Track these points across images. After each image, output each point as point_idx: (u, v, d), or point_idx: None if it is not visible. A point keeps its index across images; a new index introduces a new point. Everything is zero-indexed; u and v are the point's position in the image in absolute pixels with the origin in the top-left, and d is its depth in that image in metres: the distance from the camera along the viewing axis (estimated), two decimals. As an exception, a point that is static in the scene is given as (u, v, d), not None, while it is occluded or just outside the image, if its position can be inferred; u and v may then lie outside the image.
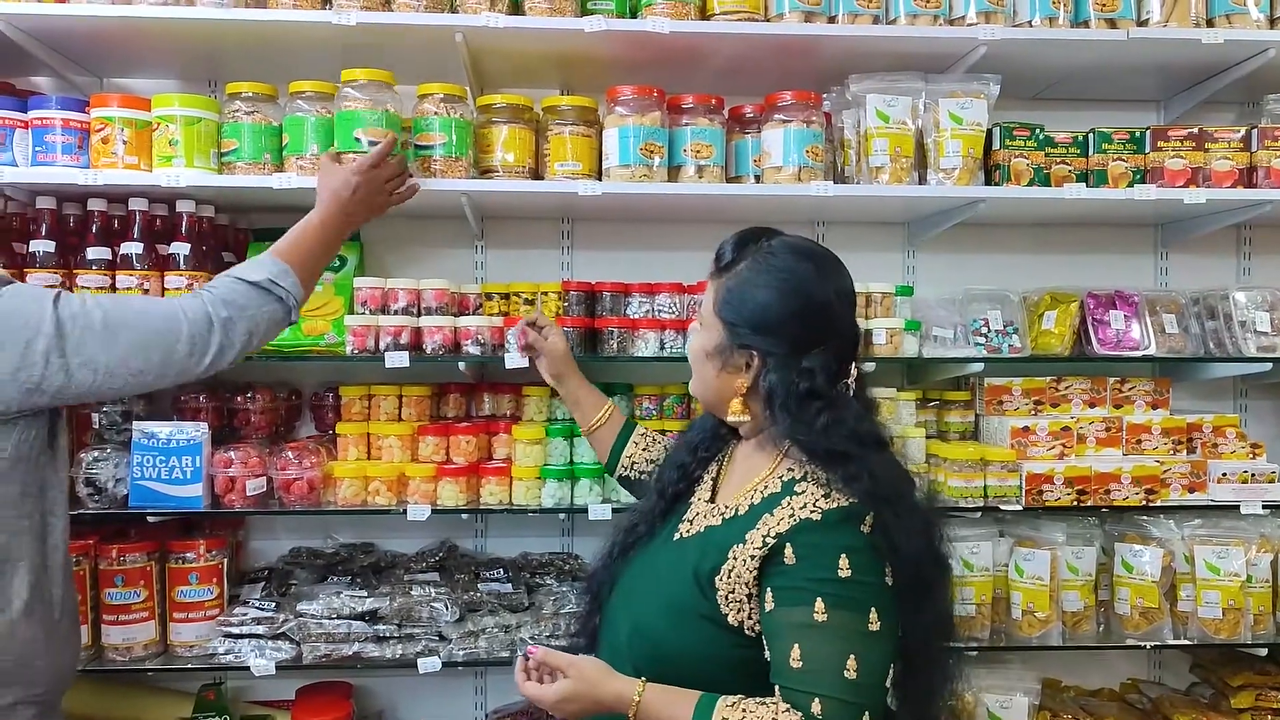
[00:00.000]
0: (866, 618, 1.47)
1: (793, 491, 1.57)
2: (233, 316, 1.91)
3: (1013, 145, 2.75)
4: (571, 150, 2.60)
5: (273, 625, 2.56)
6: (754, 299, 1.61)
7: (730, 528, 1.61)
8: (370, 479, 2.60)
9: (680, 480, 1.80)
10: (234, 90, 2.58)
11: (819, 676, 1.45)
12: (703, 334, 1.69)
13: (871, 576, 1.50)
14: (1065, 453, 2.80)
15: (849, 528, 1.51)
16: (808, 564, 1.50)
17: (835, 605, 1.47)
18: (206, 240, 2.67)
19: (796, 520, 1.52)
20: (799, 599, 1.49)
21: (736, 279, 1.64)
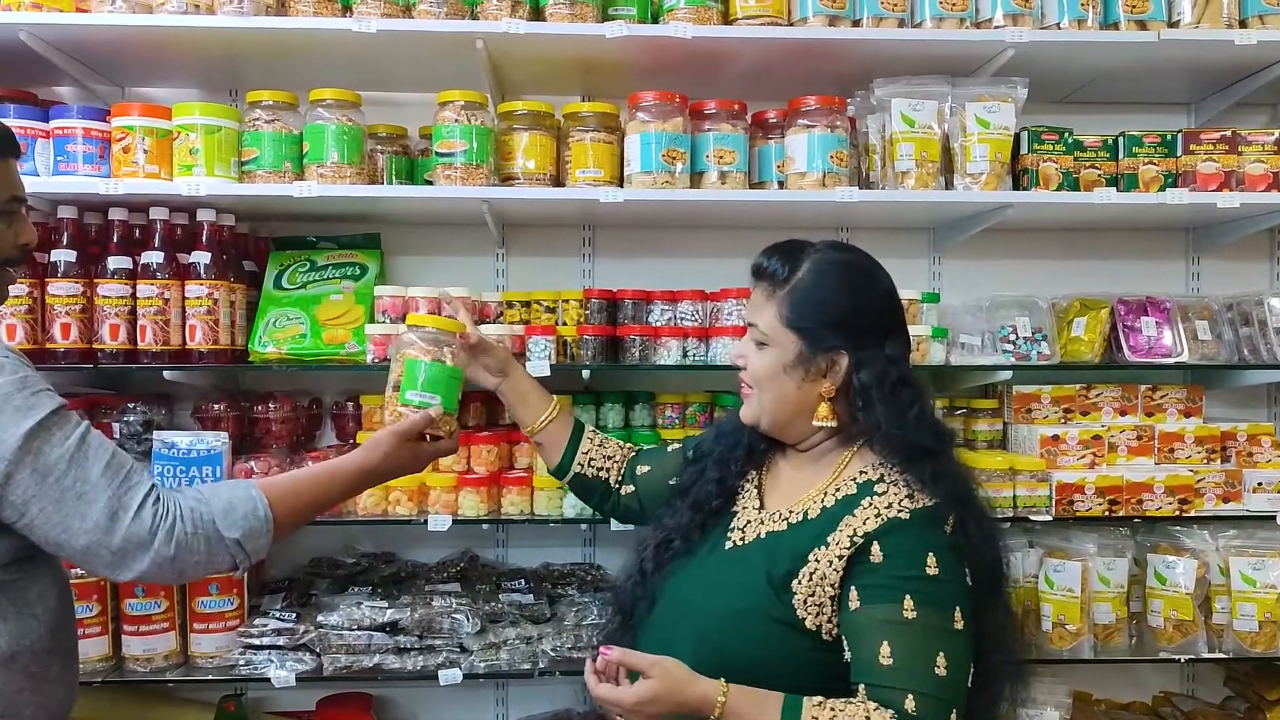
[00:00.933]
0: (952, 616, 1.49)
1: (872, 492, 1.58)
2: (176, 556, 1.57)
3: (1041, 149, 2.71)
4: (593, 157, 2.58)
5: (293, 636, 2.54)
6: (828, 300, 1.62)
7: (801, 532, 1.61)
8: (391, 489, 2.58)
9: (718, 495, 1.78)
10: (254, 99, 2.57)
11: (911, 674, 1.46)
12: (771, 353, 1.65)
13: (956, 575, 1.53)
14: (1096, 462, 2.75)
15: (935, 527, 1.54)
16: (896, 561, 1.52)
17: (924, 603, 1.48)
18: (227, 249, 2.66)
19: (884, 520, 1.54)
20: (887, 596, 1.50)
21: (801, 288, 1.64)
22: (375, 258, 2.81)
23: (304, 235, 2.86)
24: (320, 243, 2.84)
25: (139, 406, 2.70)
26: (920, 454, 1.58)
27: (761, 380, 1.67)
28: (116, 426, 2.67)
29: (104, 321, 2.51)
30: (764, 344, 1.66)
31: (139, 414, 2.69)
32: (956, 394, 2.97)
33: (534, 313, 2.74)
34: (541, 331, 2.59)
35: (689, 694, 1.49)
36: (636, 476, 2.06)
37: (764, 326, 1.66)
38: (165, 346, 2.53)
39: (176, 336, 2.55)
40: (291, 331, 2.63)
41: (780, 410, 1.67)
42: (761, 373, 1.67)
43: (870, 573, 1.53)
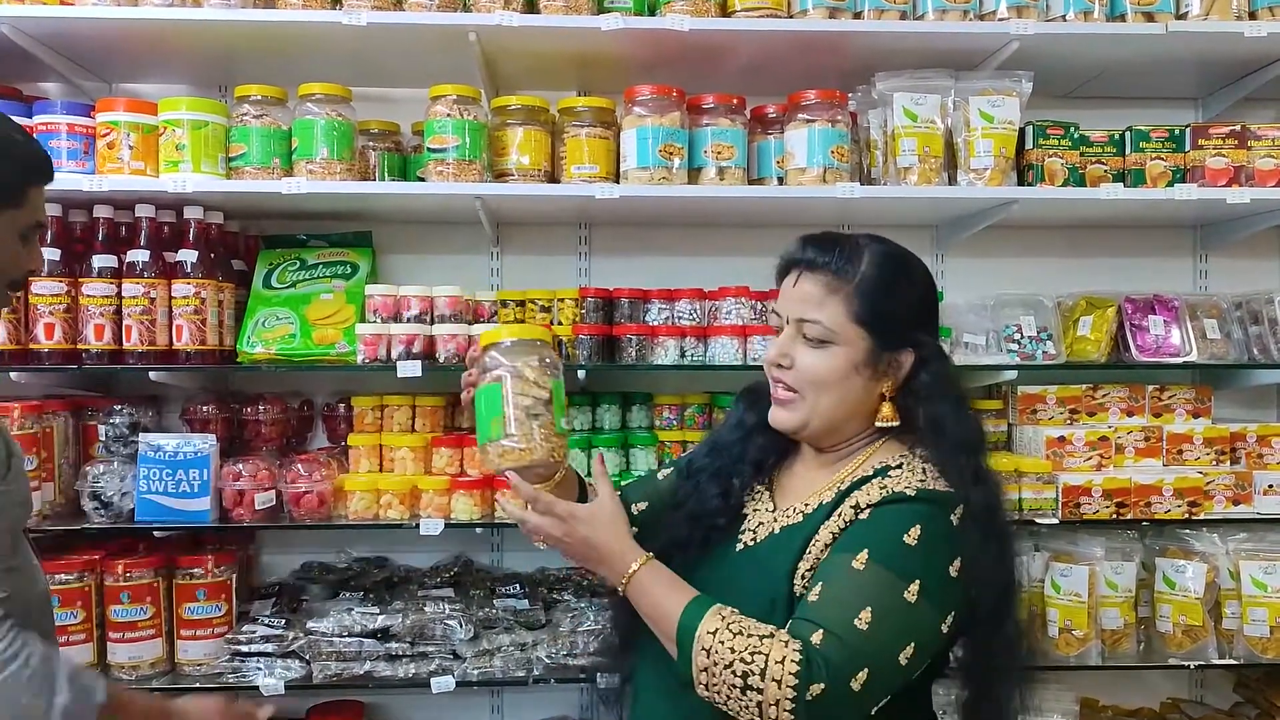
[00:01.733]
0: (906, 586, 1.38)
1: (886, 474, 1.50)
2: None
3: (1046, 144, 2.65)
4: (588, 153, 2.52)
5: (282, 643, 2.49)
6: (900, 295, 1.53)
7: (814, 517, 1.52)
8: (382, 492, 2.52)
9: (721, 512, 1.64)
10: (242, 93, 2.52)
11: (829, 613, 1.36)
12: (836, 352, 1.52)
13: (936, 558, 1.41)
14: (1103, 463, 2.69)
15: (937, 509, 1.44)
16: (875, 520, 1.45)
17: (879, 560, 1.39)
18: (215, 247, 2.61)
19: (887, 493, 1.46)
20: (846, 546, 1.43)
21: (869, 281, 1.52)
22: (367, 256, 2.76)
23: (294, 233, 2.80)
24: (310, 241, 2.79)
25: (125, 408, 2.64)
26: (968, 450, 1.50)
27: (821, 382, 1.53)
28: (102, 429, 2.61)
29: (89, 321, 2.45)
30: (826, 342, 1.52)
31: (125, 416, 2.63)
32: (960, 394, 2.91)
33: (529, 312, 2.68)
34: (536, 331, 2.53)
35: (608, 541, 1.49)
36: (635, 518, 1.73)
37: (829, 323, 1.52)
38: (151, 347, 2.47)
39: (163, 337, 2.49)
40: (281, 331, 2.57)
41: (838, 413, 1.55)
42: (822, 373, 1.53)
43: (850, 529, 1.46)
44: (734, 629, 1.36)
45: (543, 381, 1.53)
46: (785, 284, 1.60)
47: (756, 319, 2.65)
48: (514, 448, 1.50)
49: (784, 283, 1.60)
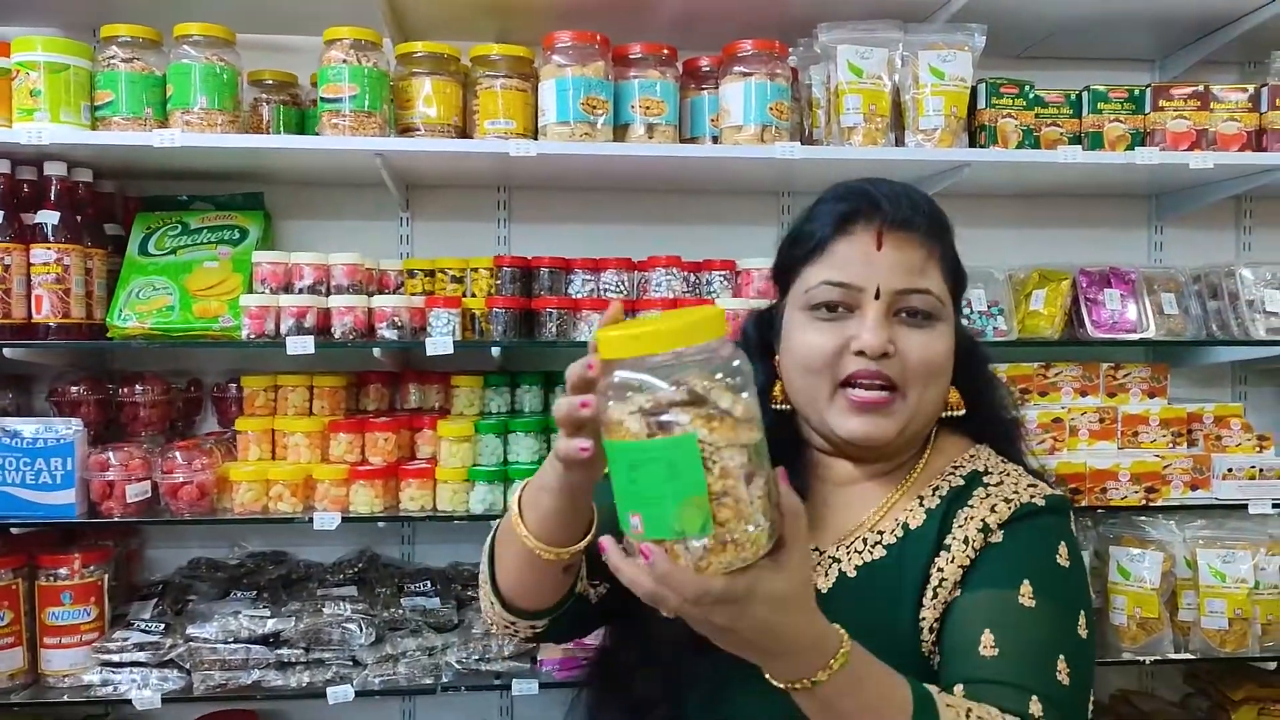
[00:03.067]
0: (1076, 619, 1.16)
1: (984, 482, 1.25)
2: None
3: (999, 104, 2.46)
4: (503, 106, 2.28)
5: (158, 651, 2.23)
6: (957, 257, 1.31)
7: (910, 548, 1.22)
8: (272, 482, 2.27)
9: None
10: (110, 34, 2.24)
11: (1029, 670, 1.10)
12: (944, 331, 1.24)
13: (1083, 578, 1.22)
14: (1056, 447, 2.52)
15: (1066, 519, 1.24)
16: (1020, 541, 1.19)
17: (1046, 592, 1.14)
18: (83, 208, 2.32)
19: (1017, 505, 1.20)
20: (1000, 579, 1.16)
21: (950, 243, 1.29)
22: (258, 220, 2.48)
23: (175, 194, 2.52)
24: (194, 203, 2.50)
25: (-20, 389, 2.36)
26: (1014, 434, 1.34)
27: (940, 369, 1.23)
28: (-46, 413, 2.33)
29: (-68, 291, 2.16)
30: (933, 318, 1.23)
31: (-19, 397, 2.35)
32: (906, 373, 2.73)
33: (439, 283, 2.44)
34: (444, 304, 2.29)
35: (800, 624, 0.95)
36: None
37: (939, 292, 1.23)
38: (6, 320, 2.19)
39: (20, 308, 2.21)
40: (157, 303, 2.30)
41: (937, 409, 1.27)
42: (942, 357, 1.23)
43: (984, 556, 1.18)
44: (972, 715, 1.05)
45: (752, 411, 0.90)
46: (851, 246, 1.24)
47: (689, 291, 2.44)
48: (736, 540, 0.88)
49: (842, 245, 1.25)
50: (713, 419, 0.86)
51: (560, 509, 1.16)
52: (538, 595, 1.27)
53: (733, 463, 0.86)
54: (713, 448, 0.86)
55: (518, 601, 1.28)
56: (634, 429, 0.86)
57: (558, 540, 1.18)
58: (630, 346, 0.87)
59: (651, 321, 0.90)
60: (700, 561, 0.88)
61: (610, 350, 0.89)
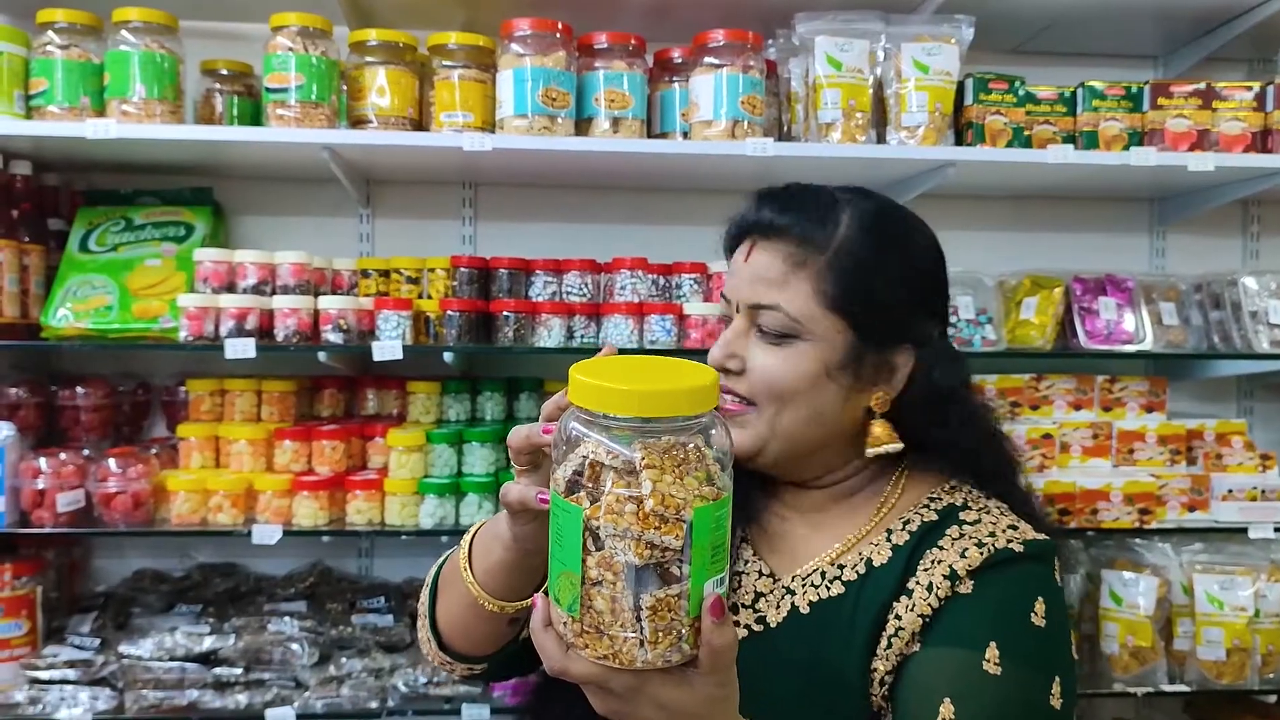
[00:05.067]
0: (1050, 687, 1.03)
1: (959, 520, 1.11)
2: None
3: (988, 100, 2.33)
4: (461, 98, 2.16)
5: (90, 669, 2.12)
6: (894, 268, 1.13)
7: (870, 587, 1.10)
8: (211, 492, 2.15)
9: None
10: (46, 19, 2.13)
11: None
12: (805, 350, 1.11)
13: (1062, 637, 1.08)
14: (1046, 464, 2.39)
15: (1048, 568, 1.10)
16: (991, 595, 1.06)
17: (1014, 657, 1.02)
18: (19, 202, 2.21)
19: (990, 551, 1.07)
20: (964, 637, 1.03)
21: (848, 252, 1.11)
22: (205, 216, 2.37)
23: (119, 190, 2.40)
24: (139, 197, 2.39)
25: (-91, 391, 2.25)
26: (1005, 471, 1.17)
27: (787, 391, 1.11)
28: (-118, 415, 2.22)
29: None
30: (789, 336, 1.12)
31: (-90, 400, 2.24)
32: (889, 384, 2.59)
33: (393, 283, 2.32)
34: (394, 305, 2.17)
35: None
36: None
37: (795, 311, 1.11)
38: (-66, 318, 2.09)
39: (-52, 307, 2.10)
40: (95, 303, 2.19)
41: (809, 433, 1.13)
42: (787, 379, 1.11)
43: (951, 608, 1.06)
44: None
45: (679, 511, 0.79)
46: (735, 258, 1.19)
47: (656, 295, 2.31)
48: (611, 636, 0.81)
49: (734, 257, 1.19)
50: (614, 504, 0.78)
51: (510, 563, 1.07)
52: (479, 642, 1.18)
53: (619, 557, 0.78)
54: (603, 533, 0.79)
55: (456, 644, 1.19)
56: (559, 478, 0.83)
57: (504, 593, 1.10)
58: (592, 398, 0.81)
59: (627, 376, 0.82)
60: (575, 638, 0.82)
61: (575, 395, 0.82)
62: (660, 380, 0.82)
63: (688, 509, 0.79)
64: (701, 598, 0.80)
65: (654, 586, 0.79)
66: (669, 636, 0.80)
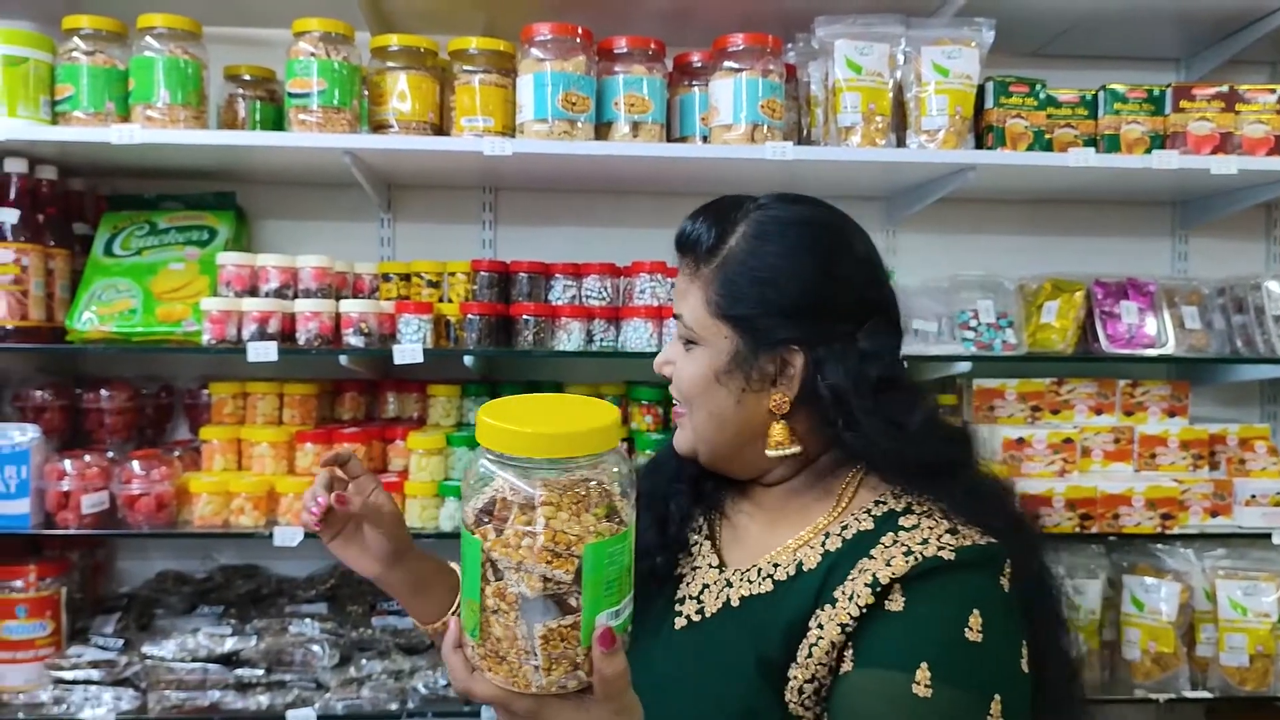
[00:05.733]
0: (987, 706, 1.00)
1: (897, 526, 1.10)
2: None
3: (1008, 104, 2.32)
4: (481, 102, 2.17)
5: (113, 669, 2.14)
6: (775, 272, 1.14)
7: (797, 590, 1.11)
8: (234, 494, 2.17)
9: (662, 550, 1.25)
10: (72, 25, 2.15)
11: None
12: (699, 355, 1.17)
13: (1005, 650, 1.04)
14: (1067, 469, 2.38)
15: (988, 577, 1.06)
16: (922, 612, 1.03)
17: (946, 678, 0.99)
18: (45, 207, 2.23)
19: (918, 559, 1.04)
20: (895, 659, 1.02)
21: (734, 260, 1.15)
22: (228, 220, 2.38)
23: (143, 194, 2.43)
24: (163, 202, 2.41)
25: (-62, 393, 2.28)
26: (937, 470, 1.12)
27: (690, 394, 1.18)
28: (-89, 417, 2.25)
29: (-114, 291, 2.08)
30: (693, 343, 1.18)
31: (-62, 402, 2.27)
32: (909, 388, 2.58)
33: (414, 287, 2.33)
34: (415, 309, 2.19)
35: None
36: None
37: (689, 319, 1.18)
38: (-39, 322, 2.11)
39: (-24, 310, 2.13)
40: (120, 306, 2.21)
41: (718, 435, 1.18)
42: (688, 384, 1.18)
43: (882, 624, 1.04)
44: None
45: (568, 547, 0.85)
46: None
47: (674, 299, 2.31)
48: (510, 663, 0.87)
49: None
50: (512, 538, 0.85)
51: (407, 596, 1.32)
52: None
53: (511, 588, 0.85)
54: (501, 565, 0.85)
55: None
56: (468, 511, 0.89)
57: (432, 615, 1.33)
58: (498, 440, 0.87)
59: (532, 419, 0.88)
60: (480, 661, 0.89)
61: (483, 437, 0.89)
62: (563, 422, 0.88)
63: (579, 545, 0.84)
64: (594, 628, 0.86)
65: (548, 617, 0.85)
66: (564, 664, 0.86)
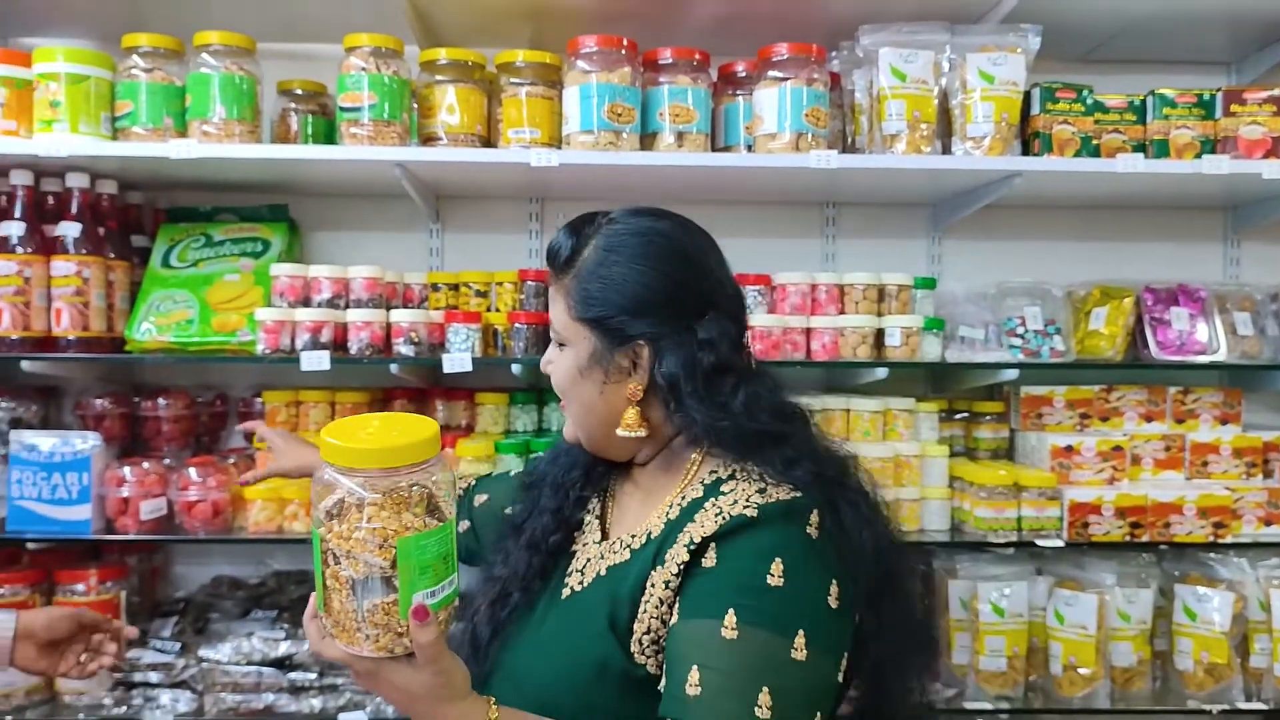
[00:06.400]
0: (791, 641, 1.13)
1: (719, 492, 1.25)
2: None
3: (1055, 109, 2.31)
4: (528, 114, 2.20)
5: (171, 672, 2.19)
6: (619, 278, 1.29)
7: (642, 555, 1.27)
8: (287, 501, 2.21)
9: (557, 529, 1.40)
10: (131, 44, 2.21)
11: (723, 710, 1.11)
12: (568, 354, 1.34)
13: (809, 590, 1.17)
14: (1116, 477, 2.35)
15: (791, 527, 1.19)
16: (729, 565, 1.18)
17: (751, 620, 1.13)
18: (106, 220, 2.30)
19: (726, 518, 1.19)
20: (708, 609, 1.16)
21: (586, 270, 1.31)
22: (281, 232, 2.43)
23: (198, 206, 2.49)
24: (218, 214, 2.47)
25: (3, 401, 2.34)
26: (761, 441, 1.25)
27: (563, 388, 1.36)
28: (-22, 424, 2.32)
29: (-45, 303, 2.15)
30: (563, 344, 1.35)
31: (3, 410, 2.34)
32: (955, 395, 2.58)
33: (462, 297, 2.37)
34: (464, 319, 2.22)
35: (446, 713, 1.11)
36: (474, 510, 1.68)
37: (557, 323, 1.35)
38: (26, 333, 2.17)
39: (40, 321, 2.19)
40: (177, 316, 2.26)
41: (590, 422, 1.35)
42: (561, 379, 1.36)
43: (698, 580, 1.19)
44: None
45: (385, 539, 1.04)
46: None
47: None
48: (348, 631, 1.06)
49: None
50: (343, 531, 1.04)
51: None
52: None
53: (343, 572, 1.04)
54: (337, 553, 1.04)
55: None
56: (318, 510, 1.08)
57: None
58: (336, 456, 1.06)
59: (365, 436, 1.08)
60: (331, 629, 1.08)
61: (324, 454, 1.07)
62: (387, 438, 1.07)
63: (395, 538, 1.03)
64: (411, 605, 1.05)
65: (374, 596, 1.04)
66: (389, 634, 1.05)
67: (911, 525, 2.32)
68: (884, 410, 2.36)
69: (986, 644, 2.27)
